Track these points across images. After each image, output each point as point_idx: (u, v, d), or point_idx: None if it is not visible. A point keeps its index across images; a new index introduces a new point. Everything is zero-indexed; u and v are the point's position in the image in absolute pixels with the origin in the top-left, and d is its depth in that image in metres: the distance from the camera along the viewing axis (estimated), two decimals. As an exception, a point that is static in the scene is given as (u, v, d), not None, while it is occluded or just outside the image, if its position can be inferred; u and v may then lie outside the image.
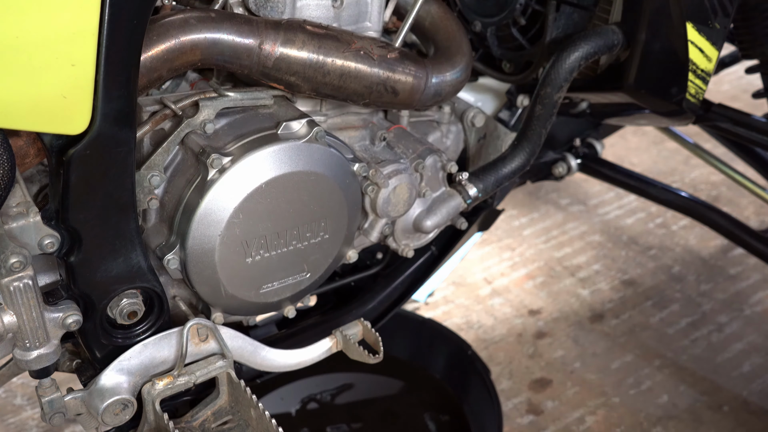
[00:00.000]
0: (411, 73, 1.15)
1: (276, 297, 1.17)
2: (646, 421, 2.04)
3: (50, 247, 0.91)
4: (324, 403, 1.97)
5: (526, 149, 1.31)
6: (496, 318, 2.40)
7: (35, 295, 0.90)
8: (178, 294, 1.15)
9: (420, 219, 1.36)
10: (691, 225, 2.82)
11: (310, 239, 1.14)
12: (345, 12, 1.13)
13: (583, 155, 1.90)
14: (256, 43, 1.02)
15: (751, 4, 1.45)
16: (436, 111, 1.40)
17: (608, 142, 2.21)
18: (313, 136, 1.08)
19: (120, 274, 1.00)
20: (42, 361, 0.95)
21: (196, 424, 1.12)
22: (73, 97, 0.83)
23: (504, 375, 2.18)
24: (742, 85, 3.63)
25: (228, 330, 1.11)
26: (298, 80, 1.07)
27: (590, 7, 1.33)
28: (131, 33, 0.86)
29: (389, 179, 1.22)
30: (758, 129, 1.58)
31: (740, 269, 2.64)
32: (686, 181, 3.13)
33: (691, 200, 1.97)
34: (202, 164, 1.03)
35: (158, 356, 1.06)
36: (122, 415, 1.03)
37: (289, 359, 1.19)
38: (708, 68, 1.33)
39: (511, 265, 2.64)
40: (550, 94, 1.27)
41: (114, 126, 0.89)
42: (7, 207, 0.89)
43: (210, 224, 1.03)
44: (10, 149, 0.84)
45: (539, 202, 2.97)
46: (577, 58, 1.25)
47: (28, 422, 1.98)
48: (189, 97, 1.06)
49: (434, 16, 1.30)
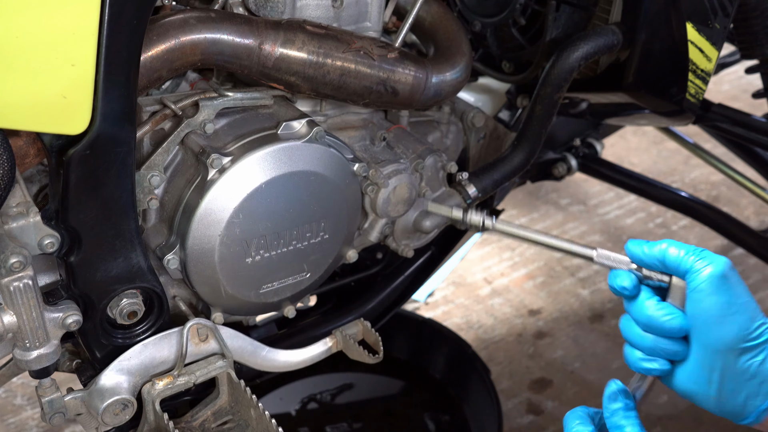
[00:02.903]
0: (411, 73, 1.15)
1: (276, 297, 1.17)
2: (646, 420, 2.03)
3: (50, 247, 0.90)
4: (324, 403, 1.97)
5: (525, 149, 1.31)
6: (496, 318, 2.40)
7: (35, 295, 0.90)
8: (178, 294, 1.15)
9: (420, 219, 1.36)
10: (691, 225, 2.82)
11: (310, 239, 1.14)
12: (345, 12, 1.13)
13: (583, 155, 1.90)
14: (256, 43, 1.02)
15: (751, 4, 1.45)
16: (436, 111, 1.40)
17: (608, 142, 2.21)
18: (313, 136, 1.08)
19: (120, 274, 0.99)
20: (42, 361, 0.95)
21: (196, 424, 1.12)
22: (73, 97, 0.83)
23: (504, 375, 2.18)
24: (742, 85, 3.63)
25: (228, 330, 1.11)
26: (298, 80, 1.07)
27: (590, 7, 1.33)
28: (131, 33, 0.86)
29: (389, 179, 1.22)
30: (758, 129, 1.58)
31: (740, 269, 2.63)
32: (686, 181, 3.13)
33: (691, 200, 1.97)
34: (202, 164, 1.03)
35: (158, 356, 1.06)
36: (122, 415, 1.03)
37: (289, 359, 1.19)
38: (708, 68, 1.33)
39: (511, 265, 2.64)
40: (549, 94, 1.27)
41: (114, 126, 0.89)
42: (7, 207, 0.89)
43: (210, 224, 1.03)
44: (10, 149, 0.84)
45: (539, 202, 2.97)
46: (576, 58, 1.25)
47: (28, 422, 1.98)
48: (189, 97, 1.06)
49: (434, 16, 1.30)
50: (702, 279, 0.79)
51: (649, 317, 0.83)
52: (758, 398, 0.80)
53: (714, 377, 0.81)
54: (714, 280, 0.78)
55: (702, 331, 0.80)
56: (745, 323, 0.78)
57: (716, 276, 0.78)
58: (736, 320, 0.78)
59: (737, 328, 0.78)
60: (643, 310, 0.83)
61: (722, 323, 0.78)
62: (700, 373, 0.82)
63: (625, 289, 0.84)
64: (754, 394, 0.80)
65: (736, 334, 0.78)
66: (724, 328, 0.78)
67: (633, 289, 0.84)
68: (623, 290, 0.85)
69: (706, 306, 0.79)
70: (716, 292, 0.78)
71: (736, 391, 0.80)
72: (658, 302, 0.83)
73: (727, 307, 0.78)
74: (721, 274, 0.78)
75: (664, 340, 0.83)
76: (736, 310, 0.78)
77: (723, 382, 0.80)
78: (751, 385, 0.79)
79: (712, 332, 0.79)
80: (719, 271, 0.78)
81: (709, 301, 0.79)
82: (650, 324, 0.83)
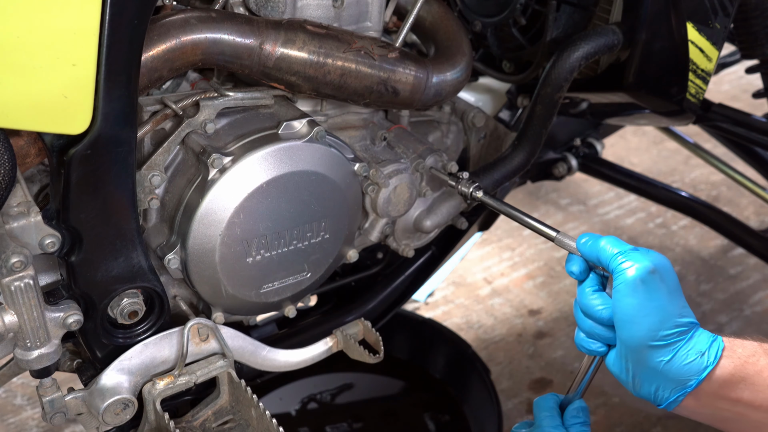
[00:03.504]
0: (411, 73, 1.15)
1: (276, 297, 1.17)
2: (646, 420, 2.04)
3: (51, 246, 0.91)
4: (324, 403, 1.97)
5: (526, 149, 1.31)
6: (496, 318, 2.40)
7: (36, 294, 0.90)
8: (179, 294, 1.15)
9: (420, 219, 1.36)
10: (691, 225, 2.82)
11: (311, 239, 1.14)
12: (345, 12, 1.13)
13: (583, 155, 1.90)
14: (256, 43, 1.02)
15: (752, 4, 1.45)
16: (436, 111, 1.40)
17: (608, 142, 2.21)
18: (314, 135, 1.08)
19: (121, 273, 1.00)
20: (43, 361, 0.95)
21: (197, 423, 1.12)
22: (74, 96, 0.83)
23: (504, 375, 2.18)
24: (742, 85, 3.63)
25: (228, 330, 1.11)
26: (299, 80, 1.07)
27: (590, 7, 1.33)
28: (132, 33, 0.86)
29: (390, 179, 1.22)
30: (758, 129, 1.58)
31: (740, 269, 2.64)
32: (686, 181, 3.13)
33: (691, 200, 1.97)
34: (202, 164, 1.03)
35: (159, 356, 1.06)
36: (123, 415, 1.03)
37: (289, 359, 1.19)
38: (708, 68, 1.33)
39: (511, 265, 2.64)
40: (550, 94, 1.27)
41: (115, 126, 0.89)
42: (8, 207, 0.89)
43: (211, 224, 1.03)
44: (11, 149, 0.84)
45: (539, 202, 2.97)
46: (577, 58, 1.25)
47: (28, 422, 1.98)
48: (190, 97, 1.06)
49: (435, 16, 1.30)
50: (621, 280, 0.85)
51: (585, 304, 0.91)
52: (666, 391, 0.87)
53: (629, 367, 0.88)
54: (631, 282, 0.84)
55: (619, 326, 0.87)
56: (654, 325, 0.84)
57: (634, 279, 0.84)
58: (647, 322, 0.84)
59: (646, 329, 0.84)
60: (583, 296, 0.91)
61: (634, 323, 0.85)
62: (620, 362, 0.89)
63: (573, 273, 0.93)
64: (662, 387, 0.87)
65: (644, 334, 0.84)
66: (635, 327, 0.85)
67: (580, 274, 0.93)
68: (572, 274, 0.93)
69: (623, 305, 0.86)
70: (631, 295, 0.84)
71: (647, 382, 0.87)
72: (594, 291, 0.91)
73: (639, 308, 0.84)
74: (639, 278, 0.84)
75: (598, 326, 0.90)
76: (648, 313, 0.84)
77: (636, 374, 0.88)
78: (659, 379, 0.86)
79: (626, 329, 0.86)
80: (638, 275, 0.84)
81: (624, 301, 0.85)
82: (586, 310, 0.91)
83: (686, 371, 0.85)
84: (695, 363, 0.85)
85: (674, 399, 0.87)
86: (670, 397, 0.87)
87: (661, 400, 0.88)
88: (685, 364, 0.85)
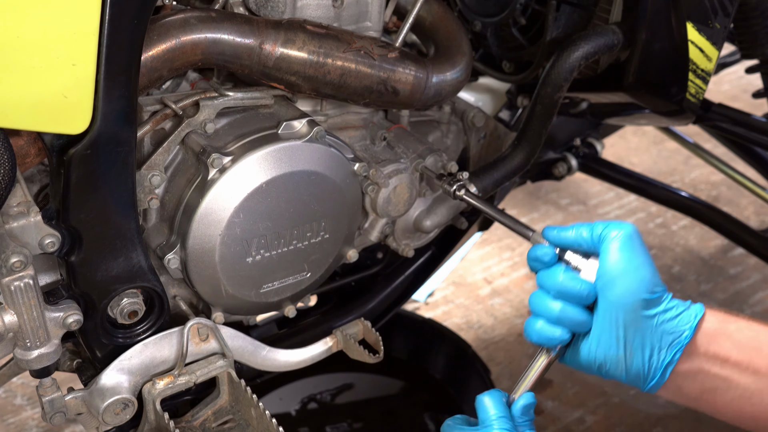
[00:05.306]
0: (411, 73, 1.15)
1: (276, 296, 1.17)
2: (646, 421, 2.04)
3: (51, 246, 0.91)
4: (324, 403, 1.97)
5: (526, 149, 1.31)
6: (496, 318, 2.40)
7: (36, 294, 0.90)
8: (179, 293, 1.15)
9: (420, 219, 1.36)
10: (691, 225, 2.82)
11: (311, 239, 1.14)
12: (345, 12, 1.13)
13: (583, 155, 1.90)
14: (256, 43, 1.02)
15: (752, 4, 1.45)
16: (436, 111, 1.40)
17: (608, 142, 2.20)
18: (314, 135, 1.08)
19: (120, 273, 1.00)
20: (42, 361, 0.95)
21: (197, 423, 1.12)
22: (73, 96, 0.83)
23: (504, 375, 2.18)
24: (742, 85, 3.63)
25: (228, 329, 1.11)
26: (299, 80, 1.07)
27: (590, 7, 1.33)
28: (132, 33, 0.86)
29: (389, 179, 1.22)
30: (758, 129, 1.58)
31: (740, 269, 2.64)
32: (686, 181, 3.13)
33: (691, 200, 1.97)
34: (202, 164, 1.03)
35: (159, 356, 1.06)
36: (123, 415, 1.03)
37: (289, 359, 1.19)
38: (708, 68, 1.33)
39: (511, 265, 2.64)
40: (550, 94, 1.27)
41: (115, 126, 0.89)
42: (7, 206, 0.89)
43: (210, 224, 1.03)
44: (10, 149, 0.84)
45: (539, 202, 2.97)
46: (577, 58, 1.25)
47: (28, 422, 1.98)
48: (189, 97, 1.06)
49: (434, 16, 1.30)
50: (612, 239, 0.90)
51: (561, 284, 0.92)
52: (663, 351, 0.89)
53: (620, 333, 0.89)
54: (623, 238, 0.89)
55: (609, 287, 0.89)
56: (647, 276, 0.88)
57: (625, 236, 0.89)
58: (640, 273, 0.88)
59: (640, 280, 0.88)
60: (556, 279, 0.93)
61: (627, 275, 0.88)
62: (608, 333, 0.90)
63: (545, 255, 0.94)
64: (658, 346, 0.89)
65: (639, 285, 0.88)
66: (629, 280, 0.88)
67: (550, 260, 0.95)
68: (544, 256, 0.94)
69: (615, 261, 0.89)
70: (623, 249, 0.89)
71: (641, 346, 0.89)
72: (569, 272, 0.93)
73: (632, 261, 0.88)
74: (629, 235, 0.90)
75: (572, 308, 0.92)
76: (639, 265, 0.88)
77: (628, 337, 0.89)
78: (655, 336, 0.88)
79: (619, 285, 0.88)
80: (628, 233, 0.90)
81: (618, 256, 0.89)
82: (561, 290, 0.92)
83: (679, 322, 0.88)
84: (685, 313, 0.89)
85: (671, 359, 0.88)
86: (667, 357, 0.88)
87: (657, 366, 0.89)
88: (677, 314, 0.89)
